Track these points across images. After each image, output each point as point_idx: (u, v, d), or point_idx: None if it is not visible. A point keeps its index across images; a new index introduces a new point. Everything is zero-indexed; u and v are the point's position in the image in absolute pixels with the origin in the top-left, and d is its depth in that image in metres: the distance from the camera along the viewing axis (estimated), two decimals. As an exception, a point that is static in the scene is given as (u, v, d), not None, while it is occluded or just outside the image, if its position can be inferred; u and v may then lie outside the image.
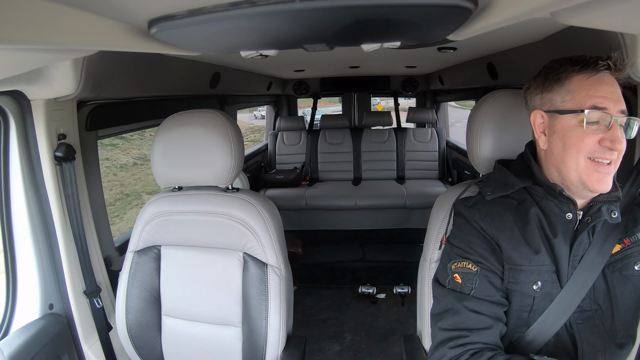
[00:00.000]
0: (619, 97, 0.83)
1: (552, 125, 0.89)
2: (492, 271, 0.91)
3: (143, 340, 1.31)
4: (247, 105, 4.42)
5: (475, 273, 0.92)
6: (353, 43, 0.82)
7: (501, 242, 0.92)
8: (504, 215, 0.93)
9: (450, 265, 0.95)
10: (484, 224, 0.94)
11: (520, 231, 0.91)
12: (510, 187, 0.95)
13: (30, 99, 1.18)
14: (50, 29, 0.52)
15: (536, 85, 0.92)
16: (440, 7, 0.55)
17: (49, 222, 1.28)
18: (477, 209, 0.96)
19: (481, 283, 0.91)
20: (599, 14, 0.53)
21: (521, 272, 0.90)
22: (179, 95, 2.18)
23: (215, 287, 1.26)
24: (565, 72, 0.86)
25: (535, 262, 0.89)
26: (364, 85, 4.20)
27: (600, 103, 0.82)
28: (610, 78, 0.83)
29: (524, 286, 0.89)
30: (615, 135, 0.81)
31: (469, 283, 0.91)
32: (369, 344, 2.54)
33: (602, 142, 0.82)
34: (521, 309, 0.91)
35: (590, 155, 0.83)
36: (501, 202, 0.95)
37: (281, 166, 4.28)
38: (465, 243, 0.95)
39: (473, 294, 0.90)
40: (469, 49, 1.92)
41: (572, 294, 0.88)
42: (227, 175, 1.22)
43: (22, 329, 1.20)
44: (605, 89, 0.83)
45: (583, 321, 0.90)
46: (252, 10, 0.54)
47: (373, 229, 3.69)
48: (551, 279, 0.89)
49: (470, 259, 0.93)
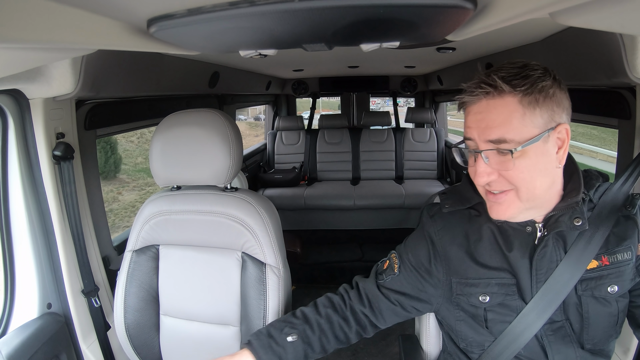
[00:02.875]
0: (490, 124, 0.76)
1: None
2: (418, 279, 0.99)
3: (141, 339, 1.31)
4: (246, 105, 4.42)
5: (395, 274, 1.01)
6: (352, 43, 0.82)
7: (449, 256, 0.95)
8: (457, 230, 0.96)
9: (391, 253, 1.07)
10: (435, 238, 0.97)
11: (470, 246, 0.93)
12: (467, 202, 0.96)
13: (29, 98, 1.18)
14: (49, 28, 0.52)
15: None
16: (439, 7, 0.55)
17: (48, 221, 1.28)
18: (434, 220, 0.99)
19: (391, 282, 1.01)
20: (598, 14, 0.53)
21: (467, 285, 0.93)
22: (177, 95, 2.18)
23: (214, 286, 1.26)
24: (460, 99, 0.83)
25: (482, 275, 0.90)
26: (363, 85, 4.21)
27: (467, 134, 0.81)
28: (481, 105, 0.77)
29: (470, 298, 0.92)
30: (478, 170, 0.79)
31: (384, 275, 1.03)
32: (367, 343, 2.54)
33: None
34: (474, 319, 0.93)
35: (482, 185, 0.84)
36: (459, 215, 0.97)
37: (280, 166, 4.28)
38: (412, 246, 1.02)
39: (381, 283, 1.03)
40: (468, 49, 1.93)
41: (539, 308, 0.86)
42: (225, 175, 1.21)
43: (20, 328, 1.20)
44: (473, 118, 0.79)
45: (553, 332, 0.88)
46: (251, 10, 0.54)
47: (372, 228, 3.70)
48: (506, 292, 0.89)
49: (404, 261, 1.01)
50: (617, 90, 1.32)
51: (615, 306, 0.87)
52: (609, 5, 0.49)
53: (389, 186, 3.87)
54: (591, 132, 8.26)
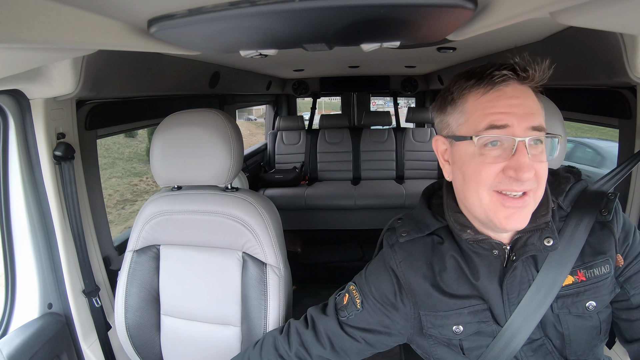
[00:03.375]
0: (528, 110, 0.69)
1: (452, 154, 0.77)
2: (383, 315, 0.90)
3: (142, 339, 1.31)
4: (246, 105, 4.42)
5: (358, 310, 0.91)
6: (352, 43, 0.82)
7: (415, 289, 0.85)
8: (420, 260, 0.86)
9: (349, 285, 0.96)
10: (398, 271, 0.88)
11: (435, 277, 0.84)
12: (426, 229, 0.86)
13: (30, 98, 1.18)
14: (50, 28, 0.52)
15: (436, 107, 0.80)
16: (439, 7, 0.55)
17: (48, 221, 1.28)
18: (394, 250, 0.89)
19: (355, 319, 0.91)
20: (598, 14, 0.53)
21: (437, 318, 0.84)
22: (178, 95, 2.18)
23: (215, 286, 1.26)
24: (459, 89, 0.73)
25: (452, 306, 0.82)
26: (364, 85, 4.21)
27: (499, 120, 0.68)
28: (515, 89, 0.70)
29: (442, 330, 0.84)
30: (521, 162, 0.67)
31: (346, 311, 0.92)
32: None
33: (505, 172, 0.69)
34: (451, 349, 0.86)
35: (495, 187, 0.70)
36: (421, 243, 0.87)
37: (280, 166, 4.27)
38: (373, 279, 0.92)
39: (340, 320, 0.92)
40: (468, 49, 1.93)
41: (512, 332, 0.79)
42: (226, 175, 1.21)
43: (21, 328, 1.20)
44: (506, 102, 0.69)
45: (534, 352, 0.82)
46: (252, 10, 0.54)
47: (372, 228, 3.69)
48: (480, 319, 0.82)
49: (366, 296, 0.92)
50: (618, 90, 1.32)
51: (597, 318, 0.80)
52: (609, 4, 0.49)
53: (390, 186, 3.86)
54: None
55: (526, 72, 0.69)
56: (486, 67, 0.71)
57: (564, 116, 1.02)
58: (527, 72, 0.69)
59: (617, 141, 1.38)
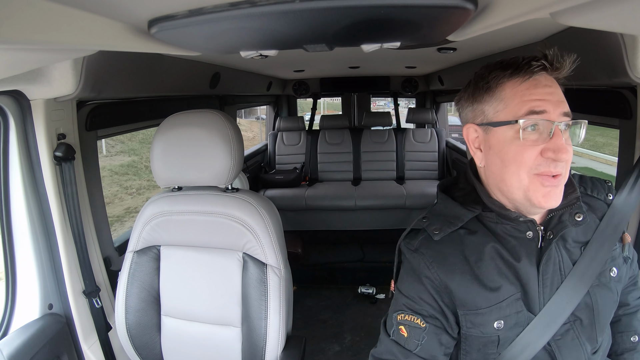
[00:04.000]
0: (560, 98, 0.75)
1: (487, 140, 0.80)
2: (442, 327, 0.82)
3: (142, 340, 1.31)
4: (247, 106, 4.42)
5: (423, 329, 0.82)
6: (353, 43, 0.82)
7: (452, 287, 0.81)
8: (452, 256, 0.82)
9: (396, 316, 0.85)
10: (430, 272, 0.82)
11: (473, 269, 0.81)
12: (458, 221, 0.84)
13: (30, 99, 1.18)
14: (50, 29, 0.52)
15: (467, 96, 0.83)
16: (440, 7, 0.55)
17: (49, 222, 1.28)
18: (420, 253, 0.84)
19: (428, 340, 0.81)
20: (599, 14, 0.53)
21: (478, 315, 0.80)
22: (178, 95, 2.18)
23: (215, 287, 1.26)
24: (496, 78, 0.77)
25: (493, 301, 0.80)
26: (364, 86, 4.21)
27: (538, 106, 0.73)
28: (547, 79, 0.75)
29: (484, 328, 0.81)
30: (559, 144, 0.72)
31: (415, 339, 0.82)
32: (369, 344, 2.54)
33: (544, 154, 0.73)
34: (487, 345, 0.82)
35: (535, 170, 0.74)
36: (449, 239, 0.84)
37: (281, 166, 4.27)
38: (413, 293, 0.84)
39: (417, 352, 0.81)
40: (469, 49, 1.93)
41: (550, 316, 0.79)
42: (226, 176, 1.22)
43: (21, 329, 1.20)
44: (542, 90, 0.74)
45: (562, 336, 0.81)
46: (252, 11, 0.54)
47: (373, 229, 3.69)
48: (516, 309, 0.80)
49: (420, 313, 0.82)
50: (618, 90, 1.31)
51: (616, 291, 0.85)
52: (609, 5, 0.49)
53: (390, 187, 3.87)
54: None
55: (559, 63, 0.75)
56: (519, 58, 0.76)
57: None
58: (559, 65, 0.75)
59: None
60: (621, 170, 1.37)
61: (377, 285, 3.06)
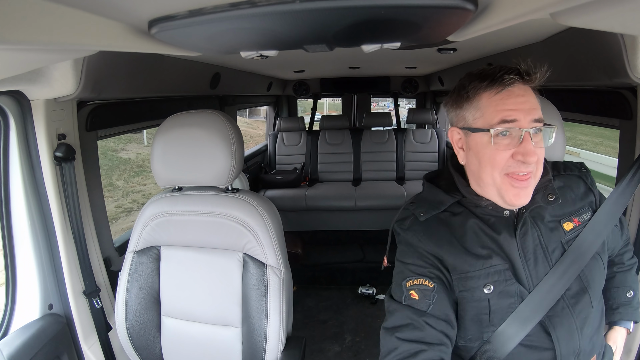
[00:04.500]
0: (532, 106, 0.84)
1: (467, 142, 0.91)
2: (448, 286, 0.91)
3: (143, 340, 1.31)
4: (247, 106, 4.42)
5: (432, 289, 0.90)
6: (353, 44, 0.82)
7: (442, 255, 0.91)
8: (440, 230, 0.93)
9: (405, 283, 0.92)
10: (422, 244, 0.93)
11: (459, 242, 0.91)
12: (441, 205, 0.95)
13: (30, 99, 1.18)
14: (51, 29, 0.52)
15: (451, 102, 0.93)
16: (440, 8, 0.55)
17: (49, 222, 1.28)
18: (412, 230, 0.95)
19: (439, 299, 0.89)
20: (599, 15, 0.53)
21: (468, 279, 0.90)
22: (179, 96, 2.18)
23: (215, 287, 1.26)
24: (474, 89, 0.86)
25: (480, 266, 0.89)
26: (364, 86, 4.21)
27: (509, 116, 0.83)
28: (521, 89, 0.84)
29: (475, 291, 0.89)
30: (527, 148, 0.82)
31: (426, 299, 0.89)
32: (369, 344, 2.54)
33: (514, 156, 0.83)
34: (480, 312, 0.90)
35: (505, 170, 0.85)
36: (435, 219, 0.95)
37: (281, 167, 4.27)
38: (416, 259, 0.93)
39: (430, 310, 0.88)
40: (469, 49, 1.93)
41: (543, 293, 0.88)
42: (227, 176, 1.22)
43: (21, 329, 1.20)
44: (515, 100, 0.83)
45: (552, 309, 0.90)
46: (253, 11, 0.54)
47: (373, 229, 3.69)
48: (504, 277, 0.89)
49: (427, 275, 0.91)
50: (618, 91, 1.32)
51: (601, 260, 0.95)
52: (609, 5, 0.49)
53: (391, 187, 3.86)
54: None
55: (529, 75, 0.83)
56: (496, 69, 0.85)
57: (565, 117, 1.06)
58: (530, 76, 0.83)
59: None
60: (621, 170, 1.38)
61: (377, 286, 3.06)
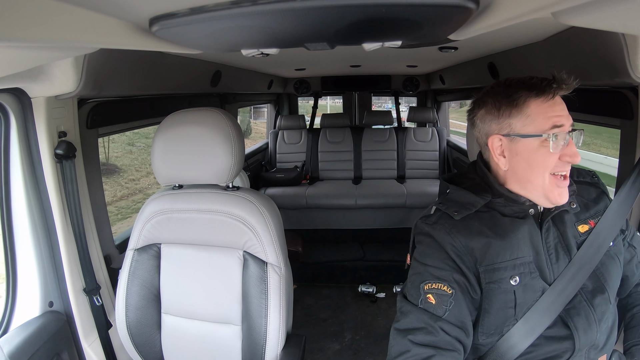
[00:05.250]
0: (568, 113, 0.91)
1: (512, 148, 0.94)
2: (466, 290, 0.91)
3: (143, 338, 1.31)
4: (248, 104, 4.42)
5: (450, 295, 0.89)
6: (354, 42, 0.82)
7: (473, 247, 0.92)
8: (469, 223, 0.95)
9: (423, 286, 0.91)
10: (451, 238, 0.93)
11: (488, 233, 0.94)
12: (472, 206, 0.97)
13: (31, 97, 1.18)
14: (52, 27, 0.52)
15: (489, 111, 0.96)
16: (441, 6, 0.55)
17: (49, 219, 1.28)
18: (440, 224, 0.96)
19: (456, 305, 0.89)
20: (600, 14, 0.52)
21: (495, 271, 0.91)
22: (180, 94, 2.18)
23: (215, 285, 1.26)
24: (523, 97, 0.90)
25: (508, 257, 0.92)
26: (365, 85, 4.20)
27: (559, 121, 0.89)
28: (558, 97, 0.90)
29: (502, 283, 0.91)
30: (574, 150, 0.89)
31: (443, 305, 0.89)
32: (369, 343, 2.54)
33: (562, 158, 0.89)
34: (505, 306, 0.92)
35: (553, 171, 0.91)
36: (462, 220, 0.96)
37: (282, 165, 4.28)
38: (437, 261, 0.93)
39: (446, 316, 0.88)
40: (470, 48, 1.92)
41: (563, 285, 0.92)
42: (227, 174, 1.22)
43: (21, 327, 1.20)
44: (559, 108, 0.90)
45: (571, 302, 0.93)
46: (254, 9, 0.54)
47: (373, 228, 3.69)
48: (529, 270, 0.92)
49: (446, 279, 0.90)
50: (620, 90, 1.31)
51: (617, 258, 1.00)
52: (611, 5, 0.49)
53: (391, 185, 3.86)
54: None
55: (567, 85, 0.88)
56: (538, 80, 0.90)
57: None
58: (568, 85, 0.89)
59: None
60: (622, 169, 1.37)
61: (377, 284, 3.06)
